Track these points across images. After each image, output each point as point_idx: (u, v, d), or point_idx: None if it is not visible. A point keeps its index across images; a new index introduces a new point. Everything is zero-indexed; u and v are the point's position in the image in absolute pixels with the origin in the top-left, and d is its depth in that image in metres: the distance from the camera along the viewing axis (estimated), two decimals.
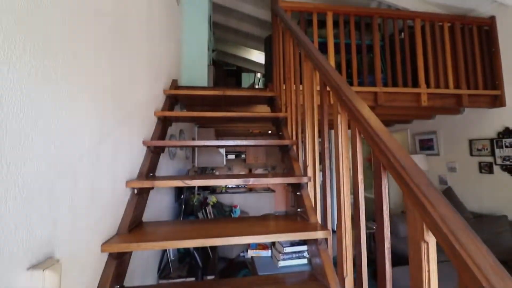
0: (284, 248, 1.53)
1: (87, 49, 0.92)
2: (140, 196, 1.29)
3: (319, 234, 1.14)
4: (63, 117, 0.79)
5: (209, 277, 2.10)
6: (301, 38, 1.51)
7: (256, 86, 6.46)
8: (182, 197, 2.43)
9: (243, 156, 7.24)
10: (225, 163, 4.77)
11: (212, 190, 4.69)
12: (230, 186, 5.64)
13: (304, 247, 1.32)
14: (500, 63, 2.88)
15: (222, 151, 4.46)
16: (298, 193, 1.42)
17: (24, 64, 0.64)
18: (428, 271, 0.65)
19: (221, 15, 4.70)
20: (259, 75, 6.86)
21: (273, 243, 1.80)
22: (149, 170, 1.46)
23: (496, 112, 2.98)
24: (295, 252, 1.69)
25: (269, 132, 6.48)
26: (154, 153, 1.55)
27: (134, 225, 1.23)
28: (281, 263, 1.78)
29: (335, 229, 1.07)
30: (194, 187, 2.99)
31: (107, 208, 1.06)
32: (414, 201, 0.67)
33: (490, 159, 3.11)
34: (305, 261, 1.77)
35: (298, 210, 1.41)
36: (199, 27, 2.94)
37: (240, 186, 5.54)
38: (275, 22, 2.46)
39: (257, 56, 6.44)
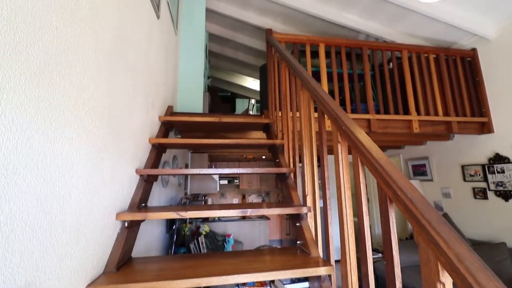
0: (285, 286, 1.43)
1: (85, 77, 0.90)
2: (131, 230, 1.21)
3: (321, 271, 1.07)
4: (54, 148, 0.75)
5: None
6: (297, 68, 1.55)
7: (250, 112, 6.55)
8: (174, 227, 2.31)
9: (236, 181, 7.12)
10: (218, 189, 4.65)
11: (205, 218, 4.52)
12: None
13: (306, 284, 1.23)
14: (485, 92, 3.02)
15: (216, 177, 4.38)
16: (297, 224, 1.36)
17: (19, 94, 0.61)
18: None
19: (217, 45, 4.87)
20: (253, 101, 6.98)
21: (272, 280, 1.69)
22: (141, 200, 1.39)
23: (485, 138, 3.06)
24: None
25: (263, 157, 6.46)
26: (147, 182, 1.48)
27: (123, 262, 1.14)
28: None
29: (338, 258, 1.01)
30: None
31: (94, 245, 0.97)
32: (426, 239, 0.63)
33: (483, 184, 3.13)
34: None
35: (298, 242, 1.34)
36: (195, 55, 3.01)
37: None
38: (270, 52, 2.55)
39: (251, 83, 6.60)
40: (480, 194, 3.17)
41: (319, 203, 1.28)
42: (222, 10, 3.56)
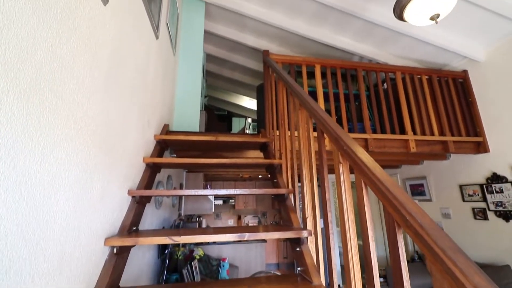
0: None
1: (78, 95, 0.87)
2: (120, 256, 1.13)
3: None
4: (41, 169, 0.70)
5: None
6: (295, 88, 1.55)
7: (247, 131, 6.55)
8: (166, 251, 2.19)
9: (232, 201, 6.97)
10: (213, 210, 4.52)
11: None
12: None
13: None
14: (478, 112, 3.07)
15: (211, 197, 4.27)
16: (297, 249, 1.29)
17: (5, 111, 0.57)
18: None
19: (215, 65, 4.95)
20: (249, 120, 7.02)
21: None
22: (132, 223, 1.31)
23: (481, 158, 3.06)
24: None
25: (260, 176, 6.38)
26: (139, 204, 1.41)
27: None
28: None
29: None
30: None
31: (79, 274, 0.89)
32: (441, 269, 0.58)
33: (483, 204, 3.10)
34: None
35: (299, 269, 1.26)
36: (192, 75, 3.04)
37: None
38: (267, 72, 2.58)
39: (248, 102, 6.67)
40: (480, 214, 3.12)
41: (320, 226, 1.22)
42: (220, 32, 3.65)
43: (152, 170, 1.69)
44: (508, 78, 2.81)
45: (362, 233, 0.87)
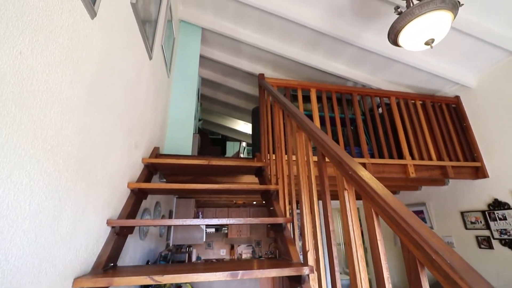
0: None
1: (51, 111, 0.77)
2: None
3: None
4: None
5: None
6: (292, 109, 1.48)
7: (241, 155, 6.45)
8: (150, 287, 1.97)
9: (224, 229, 6.64)
10: (204, 239, 4.26)
11: None
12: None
13: None
14: (474, 137, 3.06)
15: (202, 225, 4.04)
16: None
17: None
18: None
19: (210, 89, 4.97)
20: (244, 144, 6.95)
21: None
22: (109, 259, 1.15)
23: (481, 183, 3.00)
24: None
25: (254, 202, 6.17)
26: (119, 235, 1.26)
27: None
28: None
29: None
30: None
31: None
32: None
33: (486, 232, 2.97)
34: None
35: None
36: (187, 98, 2.99)
37: None
38: (263, 96, 2.55)
39: (242, 126, 6.64)
40: (485, 243, 2.98)
41: (323, 262, 1.08)
42: (215, 57, 3.69)
43: (137, 197, 1.55)
44: (499, 104, 2.84)
45: (375, 273, 0.74)
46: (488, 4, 2.21)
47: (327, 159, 1.10)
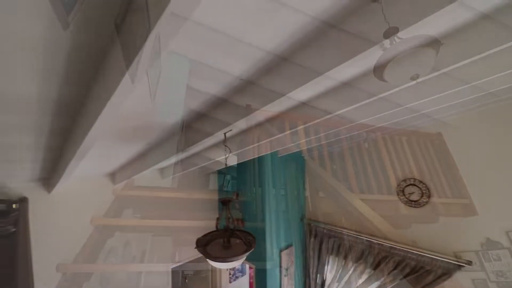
0: None
1: None
2: None
3: None
4: None
5: None
6: None
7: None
8: None
9: None
10: None
11: None
12: None
13: None
14: (459, 173, 3.06)
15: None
16: None
17: None
18: None
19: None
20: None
21: None
22: None
23: (472, 221, 2.92)
24: None
25: None
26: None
27: None
28: None
29: None
30: None
31: None
32: None
33: (482, 274, 2.82)
34: None
35: None
36: None
37: None
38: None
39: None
40: None
41: None
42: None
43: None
44: (480, 142, 2.91)
45: None
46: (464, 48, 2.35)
47: None
